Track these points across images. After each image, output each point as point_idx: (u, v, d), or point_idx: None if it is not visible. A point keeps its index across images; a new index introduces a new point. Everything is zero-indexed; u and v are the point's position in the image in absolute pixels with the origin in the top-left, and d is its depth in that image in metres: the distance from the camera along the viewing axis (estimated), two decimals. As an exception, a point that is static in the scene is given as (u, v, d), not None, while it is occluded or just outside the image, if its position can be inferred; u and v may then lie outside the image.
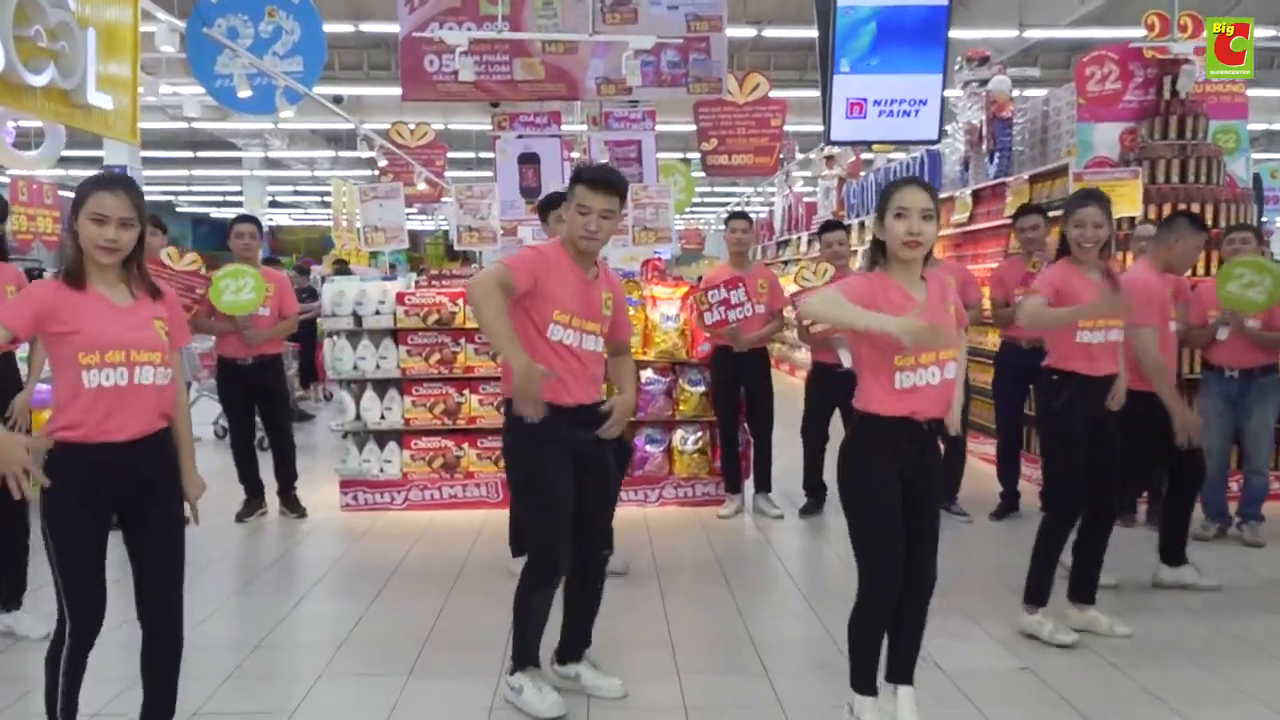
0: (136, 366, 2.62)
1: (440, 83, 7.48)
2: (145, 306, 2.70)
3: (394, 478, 6.09)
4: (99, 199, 2.58)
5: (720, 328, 5.65)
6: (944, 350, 2.85)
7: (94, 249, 2.59)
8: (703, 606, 4.39)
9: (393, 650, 3.81)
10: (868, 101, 6.35)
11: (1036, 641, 3.84)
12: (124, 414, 2.61)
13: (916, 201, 2.81)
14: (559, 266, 3.20)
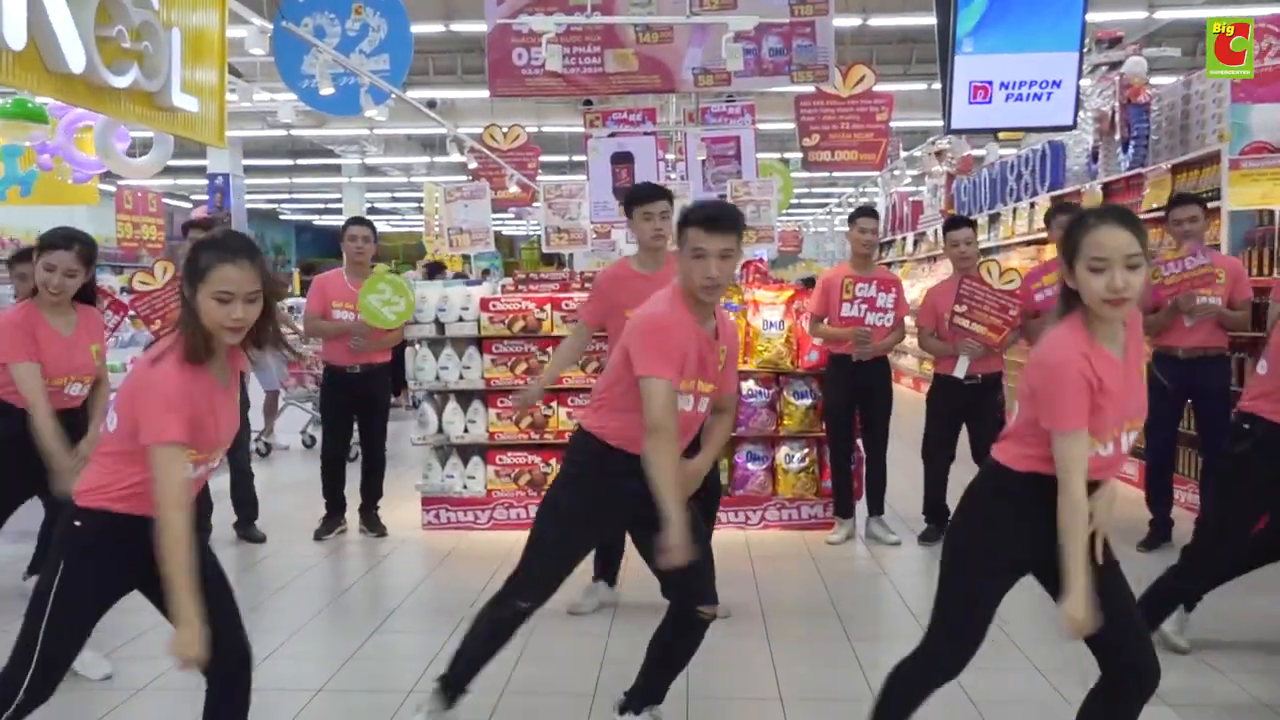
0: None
1: (529, 77, 7.13)
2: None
3: (478, 495, 5.73)
4: (223, 273, 2.22)
5: (853, 324, 5.13)
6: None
7: (221, 330, 2.25)
8: (816, 656, 3.88)
9: (470, 699, 3.40)
10: (993, 84, 5.74)
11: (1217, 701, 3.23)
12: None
13: (1119, 246, 2.18)
14: (681, 329, 2.77)
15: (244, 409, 5.19)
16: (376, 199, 30.65)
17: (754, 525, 5.61)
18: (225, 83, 8.04)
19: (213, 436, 2.30)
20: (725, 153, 9.73)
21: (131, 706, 3.36)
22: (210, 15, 7.70)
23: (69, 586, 2.27)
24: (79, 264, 3.55)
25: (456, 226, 6.36)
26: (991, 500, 2.43)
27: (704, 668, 3.44)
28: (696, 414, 2.88)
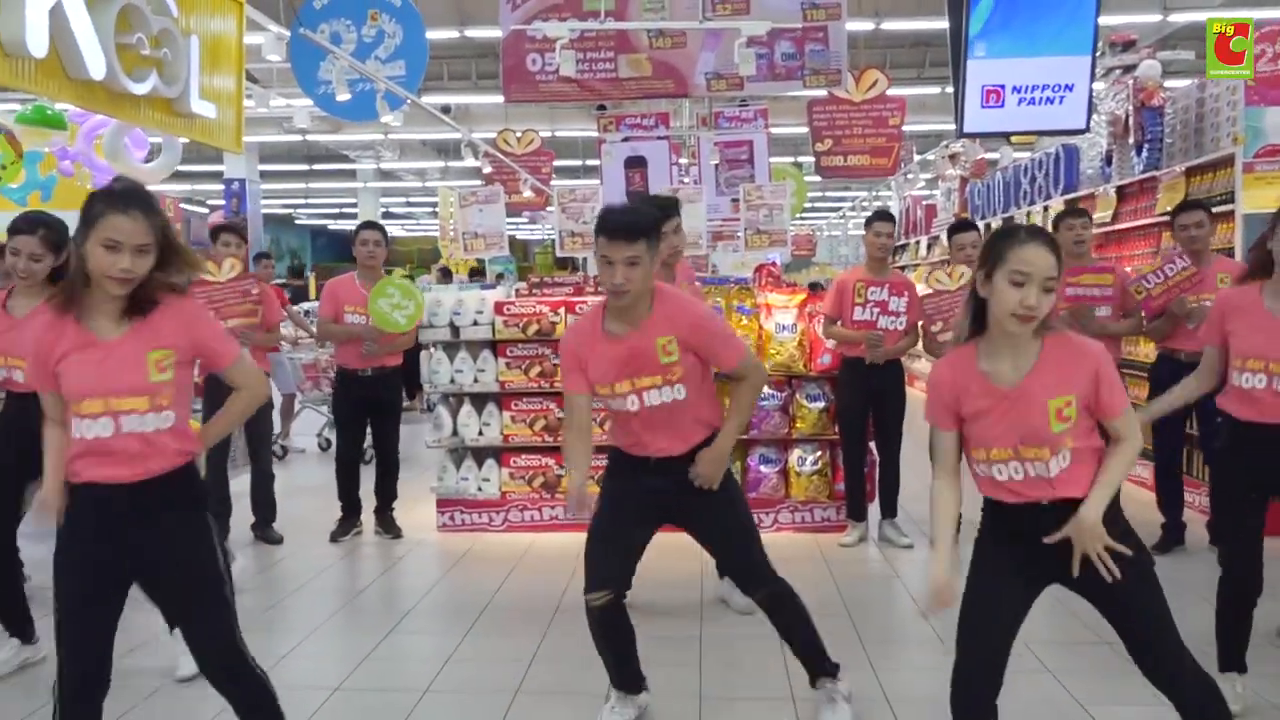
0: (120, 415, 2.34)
1: (543, 82, 7.19)
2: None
3: (492, 497, 5.77)
4: (112, 221, 2.26)
5: (865, 328, 5.15)
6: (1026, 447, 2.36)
7: (104, 278, 2.28)
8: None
9: (482, 699, 3.45)
10: (1005, 88, 5.75)
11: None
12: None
13: (1041, 265, 2.25)
14: (576, 339, 3.05)
15: (266, 410, 5.27)
16: (391, 204, 30.79)
17: (767, 528, 5.62)
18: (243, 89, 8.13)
19: (84, 387, 2.31)
20: (738, 157, 9.78)
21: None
22: (228, 22, 7.78)
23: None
24: (43, 248, 3.62)
25: (471, 231, 6.40)
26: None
27: (719, 665, 3.48)
28: (650, 409, 2.96)
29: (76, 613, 2.38)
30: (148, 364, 2.33)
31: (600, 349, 2.96)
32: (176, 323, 2.40)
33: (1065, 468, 2.32)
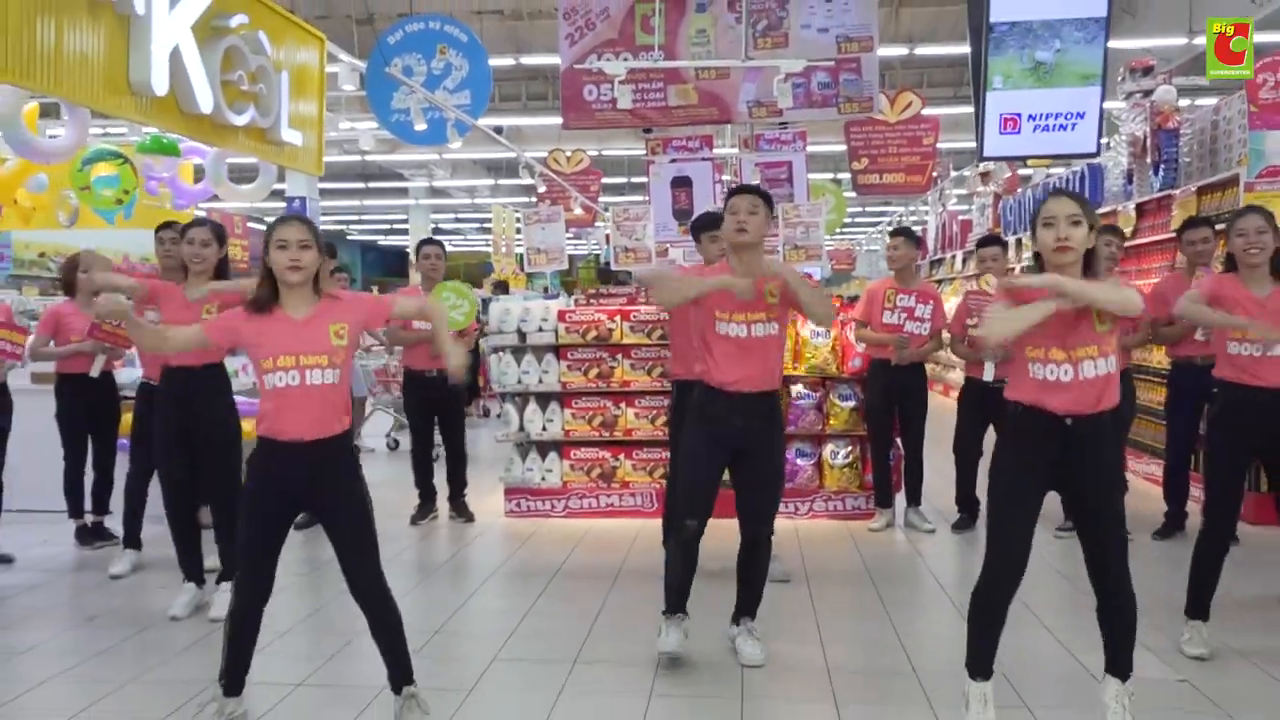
0: (306, 370, 3.01)
1: (599, 111, 7.82)
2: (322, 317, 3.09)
3: (554, 486, 6.41)
4: (281, 230, 3.02)
5: (893, 331, 5.73)
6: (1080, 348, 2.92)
7: (283, 270, 2.99)
8: (853, 611, 4.49)
9: (559, 640, 4.08)
10: (1022, 116, 6.28)
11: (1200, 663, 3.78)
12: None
13: (1062, 209, 2.91)
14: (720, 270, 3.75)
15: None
16: (441, 220, 31.66)
17: (803, 515, 6.21)
18: (324, 115, 8.90)
19: (279, 344, 3.01)
20: (778, 176, 10.31)
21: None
22: (311, 54, 8.57)
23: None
24: (211, 236, 4.34)
25: (535, 247, 7.06)
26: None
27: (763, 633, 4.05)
28: (753, 339, 3.68)
29: (256, 542, 3.08)
30: (329, 333, 3.04)
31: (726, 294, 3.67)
32: (344, 305, 3.13)
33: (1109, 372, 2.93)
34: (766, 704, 3.44)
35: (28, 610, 4.60)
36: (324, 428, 3.03)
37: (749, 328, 3.67)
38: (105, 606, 4.63)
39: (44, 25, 5.05)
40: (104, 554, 5.46)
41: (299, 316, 3.05)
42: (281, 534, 3.12)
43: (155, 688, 3.62)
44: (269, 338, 3.00)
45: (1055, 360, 2.92)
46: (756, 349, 3.67)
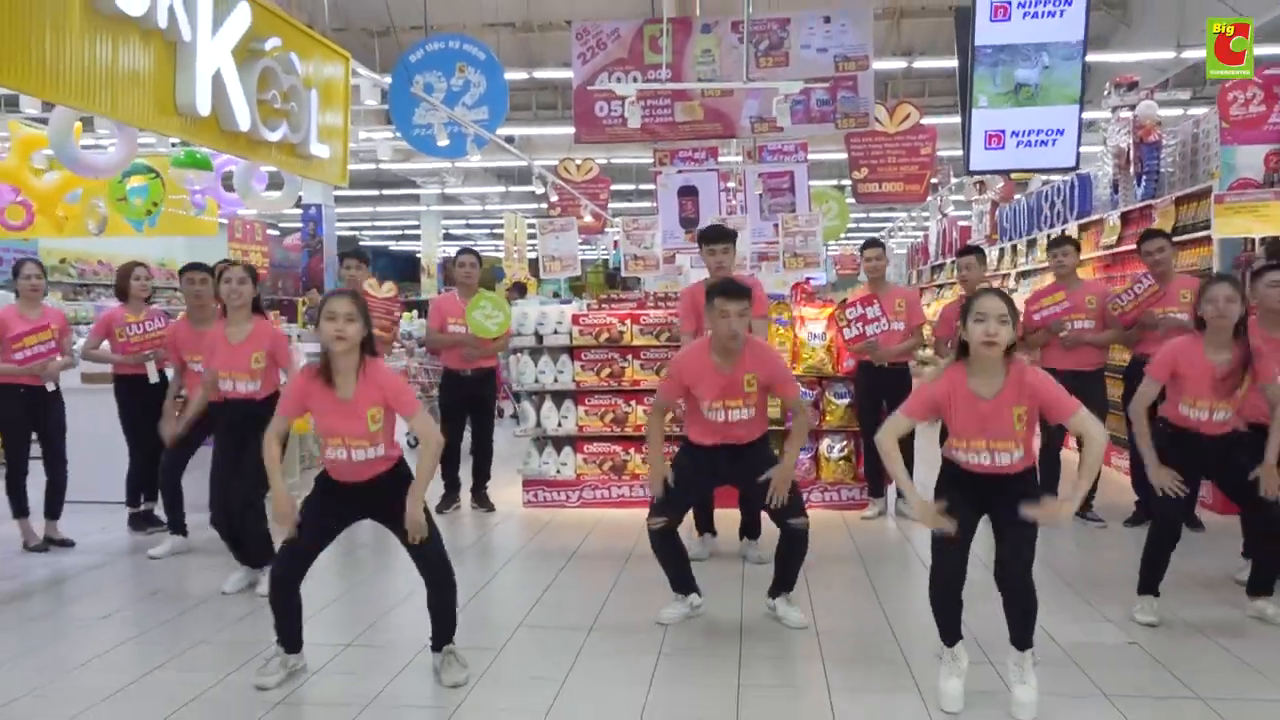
0: (351, 449, 3.52)
1: (609, 126, 8.30)
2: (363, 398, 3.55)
3: (569, 478, 6.86)
4: (330, 304, 3.49)
5: (858, 341, 6.18)
6: (994, 441, 3.34)
7: (329, 340, 3.45)
8: (843, 588, 4.93)
9: (576, 610, 4.53)
10: (1005, 133, 6.76)
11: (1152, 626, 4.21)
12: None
13: (993, 308, 3.26)
14: (700, 368, 4.19)
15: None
16: (451, 226, 32.20)
17: (801, 505, 6.64)
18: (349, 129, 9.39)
19: (329, 427, 3.49)
20: (780, 186, 10.81)
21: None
22: (337, 70, 9.06)
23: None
24: (245, 274, 4.91)
25: (550, 255, 7.52)
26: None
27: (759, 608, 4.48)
28: (730, 421, 4.19)
29: (307, 533, 3.61)
30: (368, 419, 3.51)
31: (708, 377, 4.16)
32: (375, 385, 3.54)
33: (1019, 458, 3.37)
34: (762, 661, 3.89)
35: (94, 586, 5.07)
36: (373, 472, 3.60)
37: (726, 413, 4.18)
38: (162, 584, 5.10)
39: (102, 52, 5.50)
40: (155, 538, 5.93)
41: (345, 398, 3.51)
42: (329, 538, 3.68)
43: (218, 648, 4.09)
44: (322, 418, 3.53)
45: (975, 449, 3.38)
46: (733, 427, 4.22)
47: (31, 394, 5.62)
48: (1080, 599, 4.63)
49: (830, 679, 3.72)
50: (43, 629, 4.42)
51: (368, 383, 3.51)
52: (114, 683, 3.73)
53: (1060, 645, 4.01)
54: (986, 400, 3.32)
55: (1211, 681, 3.61)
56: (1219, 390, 4.11)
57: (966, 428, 3.36)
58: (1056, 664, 3.80)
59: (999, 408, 3.31)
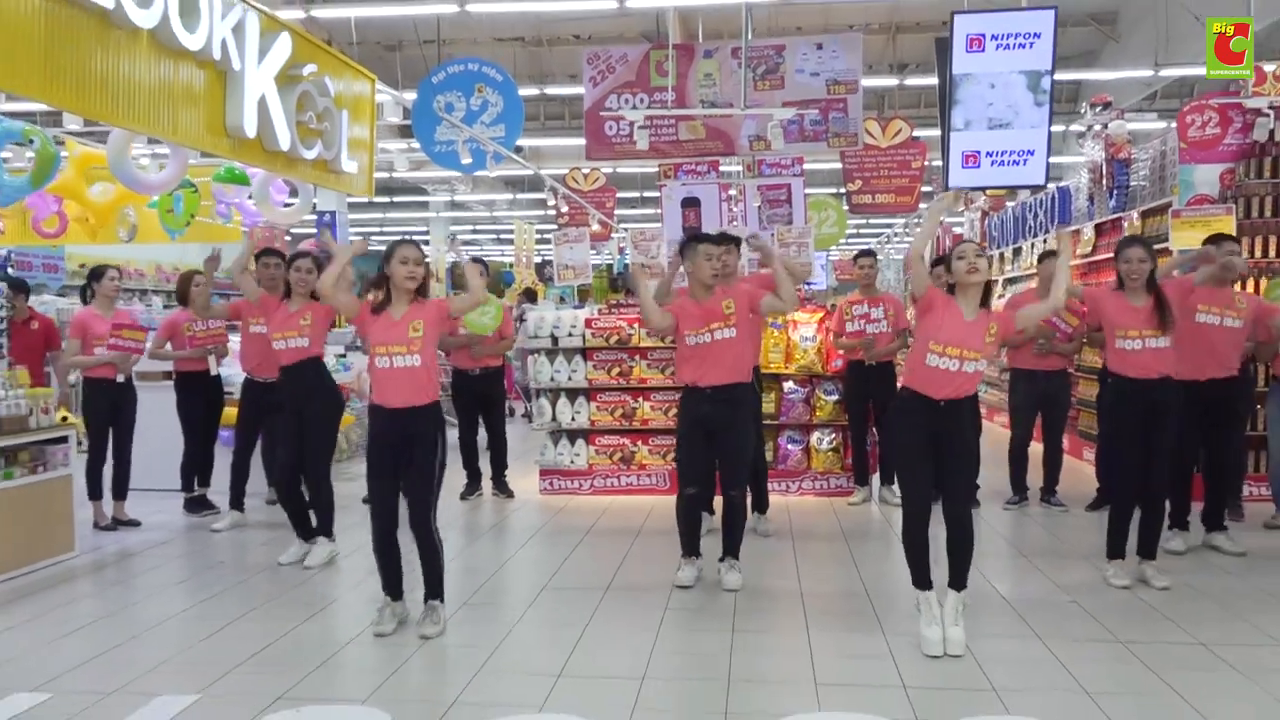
0: (393, 356, 4.18)
1: (618, 144, 8.94)
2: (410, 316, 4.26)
3: (581, 468, 7.51)
4: (403, 250, 4.21)
5: (859, 336, 6.82)
6: (966, 351, 4.02)
7: (402, 279, 4.14)
8: (827, 561, 5.56)
9: (593, 576, 5.18)
10: (981, 153, 7.37)
11: (1091, 589, 4.85)
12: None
13: (971, 249, 4.08)
14: (682, 305, 4.97)
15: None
16: (458, 231, 32.86)
17: (793, 492, 7.29)
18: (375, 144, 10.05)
19: (379, 338, 4.20)
20: (778, 197, 11.44)
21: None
22: (364, 89, 9.73)
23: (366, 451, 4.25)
24: (314, 266, 5.64)
25: (564, 264, 8.18)
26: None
27: (753, 573, 5.12)
28: (714, 343, 4.85)
29: (376, 487, 4.21)
30: (408, 328, 4.17)
31: (689, 309, 4.91)
32: (420, 308, 4.25)
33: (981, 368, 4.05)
34: (754, 617, 4.53)
35: (164, 559, 5.73)
36: (410, 399, 4.20)
37: (711, 335, 4.86)
38: (224, 556, 5.76)
39: (165, 81, 6.17)
40: (210, 519, 6.58)
41: (395, 319, 4.21)
42: (395, 477, 4.25)
43: (287, 605, 4.75)
44: (375, 334, 4.21)
45: (950, 355, 4.02)
46: (716, 350, 4.85)
47: (113, 388, 6.29)
48: (1035, 568, 5.28)
49: (810, 626, 4.36)
50: (126, 593, 5.08)
51: (415, 308, 4.25)
52: (203, 630, 4.38)
53: (1009, 601, 4.66)
54: (968, 320, 4.05)
55: (1130, 629, 4.25)
56: (1148, 322, 4.81)
57: (951, 336, 4.03)
58: (1001, 613, 4.46)
59: (976, 325, 4.04)
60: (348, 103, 9.01)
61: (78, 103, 5.14)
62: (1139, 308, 4.85)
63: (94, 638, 4.32)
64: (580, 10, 13.17)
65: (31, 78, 4.75)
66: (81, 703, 3.53)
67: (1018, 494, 6.85)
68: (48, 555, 5.53)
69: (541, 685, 3.66)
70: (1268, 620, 4.37)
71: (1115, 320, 4.89)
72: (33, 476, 5.48)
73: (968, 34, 7.27)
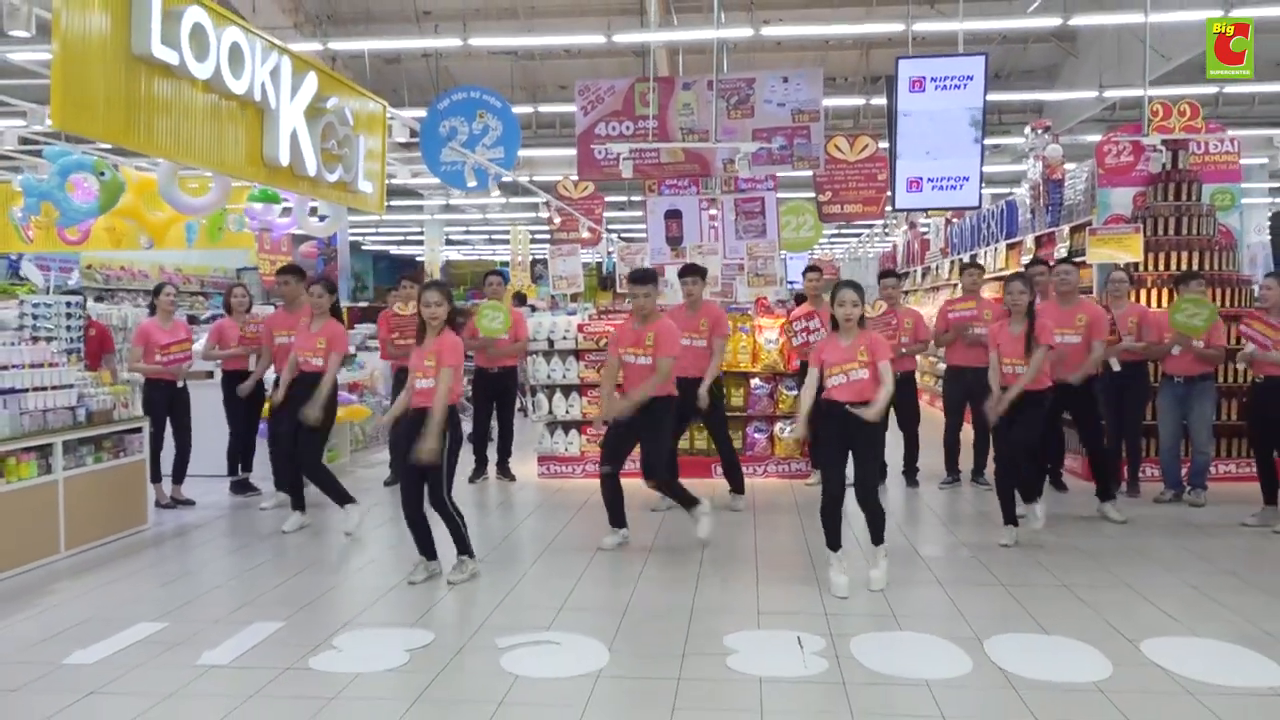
0: (417, 379, 5.25)
1: (606, 167, 10.00)
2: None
3: (574, 455, 8.58)
4: (426, 294, 5.26)
5: (804, 348, 7.89)
6: (846, 365, 5.08)
7: (427, 319, 5.22)
8: (780, 529, 6.65)
9: (586, 539, 6.28)
10: (923, 179, 8.48)
11: (990, 547, 5.96)
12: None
13: (849, 296, 5.13)
14: (623, 328, 6.19)
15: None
16: (451, 232, 33.86)
17: (759, 475, 8.38)
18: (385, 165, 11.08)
19: (411, 364, 5.29)
20: (753, 210, 12.52)
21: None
22: (377, 115, 10.77)
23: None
24: (325, 292, 6.73)
25: (559, 275, 9.24)
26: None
27: (722, 537, 6.19)
28: (635, 364, 6.00)
29: (402, 471, 5.28)
30: (424, 358, 5.22)
31: (624, 332, 6.11)
32: (438, 343, 5.28)
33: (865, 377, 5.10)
34: (716, 565, 5.62)
35: (222, 530, 6.80)
36: (424, 404, 5.26)
37: (635, 358, 6.03)
38: (273, 528, 6.81)
39: (217, 121, 7.19)
40: (254, 499, 7.64)
41: (423, 347, 5.28)
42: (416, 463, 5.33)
43: (336, 562, 5.80)
44: (411, 360, 5.33)
45: (840, 373, 5.09)
46: (636, 371, 6.03)
47: (170, 388, 7.34)
48: (951, 534, 6.38)
49: (760, 577, 5.46)
50: (203, 553, 6.15)
51: (437, 341, 5.28)
52: (274, 580, 5.45)
53: (923, 557, 5.76)
54: (844, 345, 5.13)
55: (1012, 575, 5.36)
56: (1018, 352, 5.91)
57: (834, 359, 5.11)
58: (915, 566, 5.55)
59: (851, 348, 5.10)
60: (363, 127, 10.06)
61: (150, 144, 6.15)
62: (1016, 336, 5.94)
63: (188, 585, 5.39)
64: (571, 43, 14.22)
65: (114, 125, 5.72)
66: (193, 629, 4.59)
67: (951, 475, 7.96)
68: (127, 527, 6.58)
69: (548, 614, 4.75)
70: (1124, 569, 5.48)
71: (1003, 351, 5.99)
72: (114, 460, 6.52)
73: (910, 76, 8.39)
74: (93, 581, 5.51)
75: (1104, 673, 3.94)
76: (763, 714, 3.58)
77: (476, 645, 4.35)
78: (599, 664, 4.10)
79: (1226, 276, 8.25)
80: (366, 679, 3.97)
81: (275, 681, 3.94)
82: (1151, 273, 8.38)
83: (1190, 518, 6.82)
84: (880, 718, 3.56)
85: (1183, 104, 8.72)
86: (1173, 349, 7.11)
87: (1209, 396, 7.13)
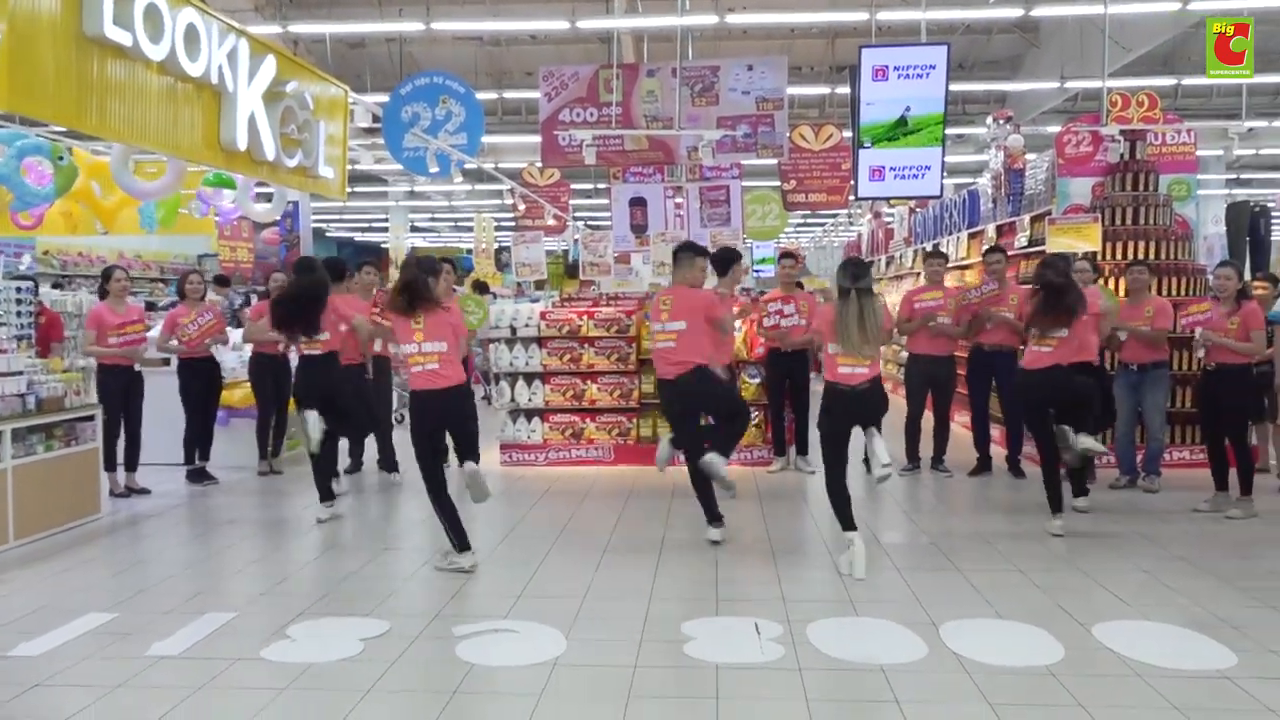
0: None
1: (570, 153, 9.94)
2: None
3: (537, 443, 8.55)
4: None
5: (774, 330, 7.92)
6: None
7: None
8: (744, 518, 6.66)
9: (549, 525, 6.27)
10: (885, 168, 8.50)
11: (947, 534, 6.00)
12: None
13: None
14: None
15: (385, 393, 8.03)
16: (417, 219, 33.60)
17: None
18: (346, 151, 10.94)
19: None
20: (718, 198, 12.54)
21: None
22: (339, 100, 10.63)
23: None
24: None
25: (521, 262, 9.19)
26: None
27: (681, 527, 6.19)
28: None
29: (421, 453, 5.31)
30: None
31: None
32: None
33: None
34: (675, 553, 5.62)
35: (178, 519, 6.71)
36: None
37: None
38: (234, 515, 6.72)
39: (172, 104, 7.06)
40: (210, 487, 7.54)
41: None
42: (436, 448, 5.35)
43: (317, 539, 5.74)
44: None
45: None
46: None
47: (125, 374, 7.21)
48: (910, 521, 6.43)
49: (719, 562, 5.46)
50: (155, 543, 6.06)
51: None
52: (229, 569, 5.39)
53: (879, 542, 5.80)
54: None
55: (967, 561, 5.42)
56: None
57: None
58: (871, 550, 5.58)
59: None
60: (324, 111, 9.92)
61: (102, 127, 6.03)
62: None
63: (140, 574, 5.31)
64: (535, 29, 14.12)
65: (65, 108, 5.59)
66: (144, 619, 4.52)
67: (911, 462, 8.01)
68: (79, 516, 6.47)
69: (505, 603, 4.73)
70: (1078, 555, 5.56)
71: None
72: (66, 449, 6.41)
73: (873, 65, 8.39)
74: (42, 571, 5.41)
75: (1056, 656, 3.98)
76: (719, 701, 3.58)
77: (432, 634, 4.32)
78: (556, 652, 4.08)
79: (1182, 266, 8.36)
80: (320, 669, 3.93)
81: (226, 672, 3.89)
82: (1109, 261, 8.47)
83: (1144, 504, 6.91)
84: (836, 703, 3.58)
85: (1141, 95, 8.81)
86: (1120, 335, 7.22)
87: (1163, 384, 7.23)
